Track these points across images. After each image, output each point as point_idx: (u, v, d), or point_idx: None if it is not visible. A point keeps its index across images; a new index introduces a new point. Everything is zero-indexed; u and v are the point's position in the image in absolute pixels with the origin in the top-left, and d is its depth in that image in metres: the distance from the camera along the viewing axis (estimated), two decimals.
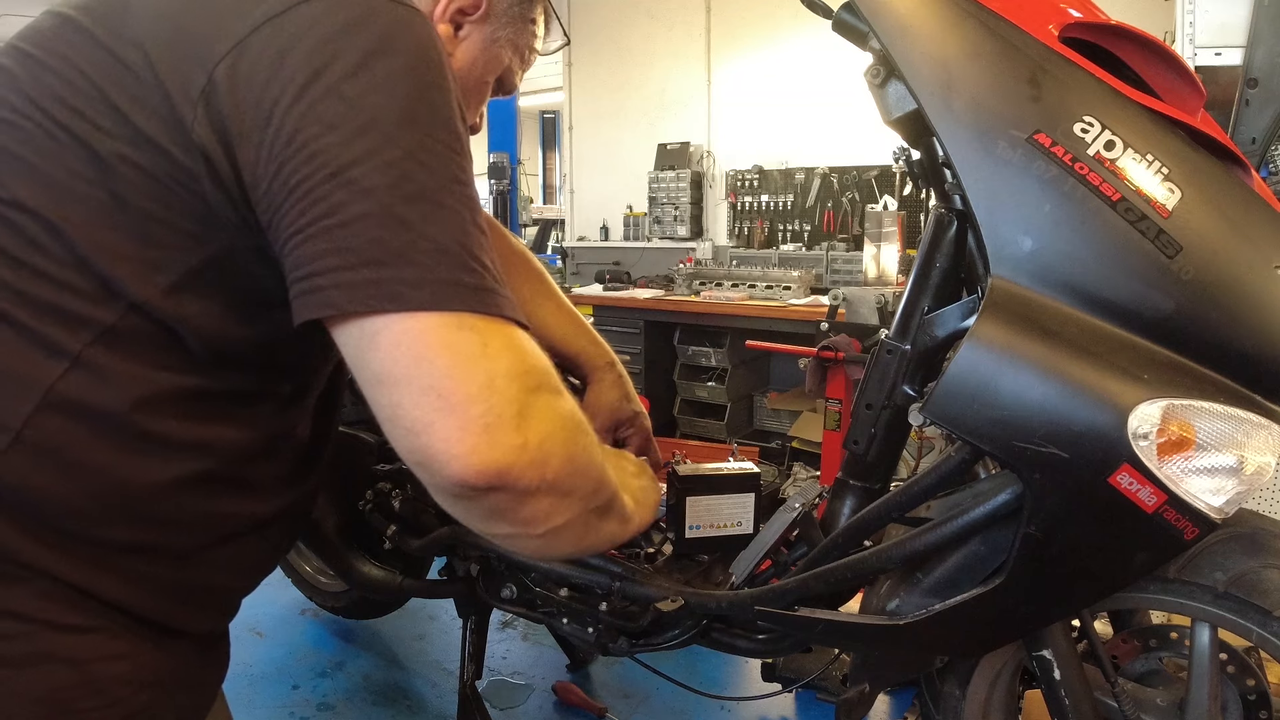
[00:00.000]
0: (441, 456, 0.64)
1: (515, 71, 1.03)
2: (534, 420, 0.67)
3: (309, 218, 0.65)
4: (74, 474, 0.70)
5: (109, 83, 0.70)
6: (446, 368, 0.64)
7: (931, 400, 0.89)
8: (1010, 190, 0.89)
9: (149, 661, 0.77)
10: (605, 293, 4.29)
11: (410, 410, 0.64)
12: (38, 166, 0.70)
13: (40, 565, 0.70)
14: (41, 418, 0.68)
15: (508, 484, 0.66)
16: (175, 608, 0.79)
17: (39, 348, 0.69)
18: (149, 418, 0.72)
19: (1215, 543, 1.01)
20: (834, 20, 1.05)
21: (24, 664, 0.70)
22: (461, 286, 0.66)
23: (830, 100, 4.27)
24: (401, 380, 0.64)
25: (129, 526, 0.74)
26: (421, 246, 0.65)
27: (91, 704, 0.73)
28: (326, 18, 0.68)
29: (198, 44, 0.68)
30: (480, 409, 0.64)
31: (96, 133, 0.69)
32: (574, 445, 0.72)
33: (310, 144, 0.64)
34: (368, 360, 0.65)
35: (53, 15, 0.77)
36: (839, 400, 2.53)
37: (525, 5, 0.98)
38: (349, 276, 0.64)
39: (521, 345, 0.69)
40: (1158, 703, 1.09)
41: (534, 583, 1.41)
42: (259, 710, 1.88)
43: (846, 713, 1.26)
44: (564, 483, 0.71)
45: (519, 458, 0.66)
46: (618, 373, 1.41)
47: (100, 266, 0.69)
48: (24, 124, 0.71)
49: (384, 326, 0.64)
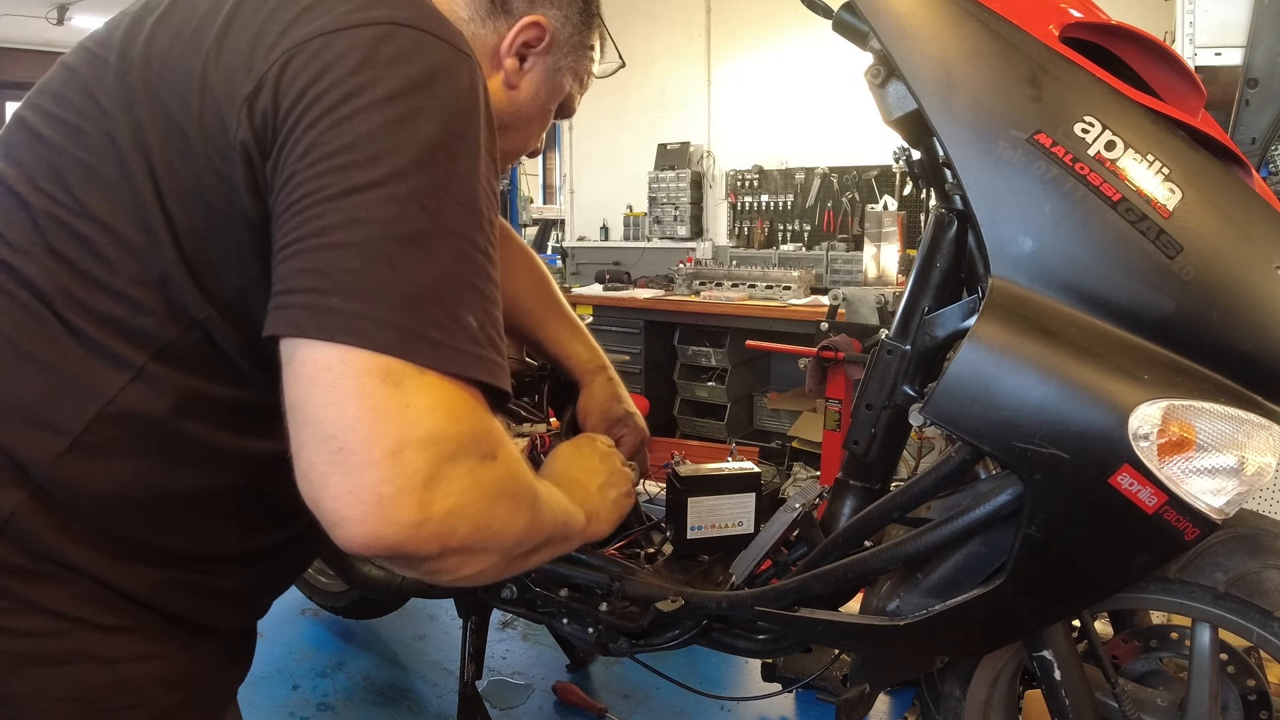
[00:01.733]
0: (329, 516, 0.61)
1: (575, 96, 1.04)
2: (441, 493, 0.62)
3: (300, 233, 0.64)
4: (124, 479, 0.71)
5: (165, 89, 0.71)
6: (354, 420, 0.60)
7: (931, 400, 0.89)
8: (1011, 190, 0.89)
9: (180, 662, 0.78)
10: (605, 293, 4.29)
11: (309, 454, 0.61)
12: (104, 175, 0.71)
13: (83, 566, 0.71)
14: (100, 425, 0.70)
15: (401, 554, 0.62)
16: (208, 607, 0.81)
17: (103, 359, 0.70)
18: (198, 428, 0.74)
19: (1216, 543, 1.01)
20: (834, 20, 1.05)
21: (61, 662, 0.71)
22: (422, 339, 0.62)
23: (830, 100, 4.27)
24: (309, 419, 0.61)
25: (171, 532, 0.75)
26: (397, 289, 0.62)
27: (122, 703, 0.74)
28: (377, 44, 0.67)
29: (251, 54, 0.68)
30: (377, 477, 0.59)
31: (151, 142, 0.70)
32: (492, 514, 0.67)
33: (321, 161, 0.64)
34: (291, 388, 0.63)
35: (124, 16, 0.78)
36: (839, 400, 2.53)
37: (585, 33, 0.99)
38: (318, 300, 0.62)
39: (457, 408, 0.64)
40: (1158, 703, 1.09)
41: (534, 583, 1.41)
42: (259, 710, 1.88)
43: (846, 713, 1.26)
44: (474, 546, 0.67)
45: (413, 534, 0.61)
46: (608, 375, 1.43)
47: (163, 283, 0.70)
48: (90, 130, 0.72)
49: (320, 357, 0.61)
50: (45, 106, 0.76)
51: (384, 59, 0.67)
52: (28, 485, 0.69)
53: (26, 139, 0.75)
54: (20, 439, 0.69)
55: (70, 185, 0.71)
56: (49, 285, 0.70)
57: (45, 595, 0.70)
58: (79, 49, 0.79)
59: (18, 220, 0.72)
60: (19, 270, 0.71)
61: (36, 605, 0.70)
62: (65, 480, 0.70)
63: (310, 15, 0.69)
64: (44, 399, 0.70)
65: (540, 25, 0.92)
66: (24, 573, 0.70)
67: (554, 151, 8.92)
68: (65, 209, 0.71)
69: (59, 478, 0.69)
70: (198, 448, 0.74)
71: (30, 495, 0.69)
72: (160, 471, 0.73)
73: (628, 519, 1.45)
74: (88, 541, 0.71)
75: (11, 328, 0.70)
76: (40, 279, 0.70)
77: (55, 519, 0.70)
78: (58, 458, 0.69)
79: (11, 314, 0.70)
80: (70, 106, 0.74)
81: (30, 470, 0.69)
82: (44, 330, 0.70)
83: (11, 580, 0.69)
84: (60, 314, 0.70)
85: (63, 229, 0.71)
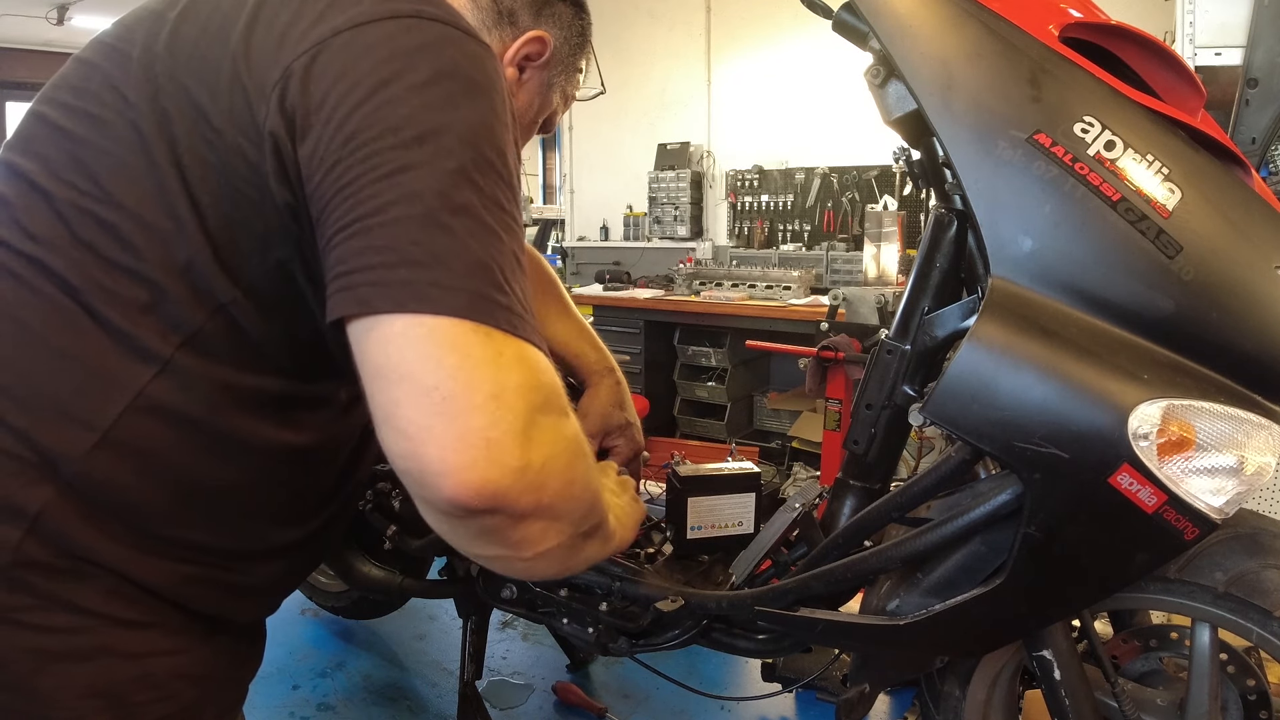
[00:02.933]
0: (435, 467, 0.60)
1: (558, 114, 1.08)
2: (538, 441, 0.63)
3: (354, 215, 0.64)
4: (153, 473, 0.72)
5: (192, 79, 0.72)
6: (454, 368, 0.60)
7: (931, 400, 0.89)
8: (1010, 190, 0.89)
9: (201, 657, 0.80)
10: (605, 293, 4.29)
11: (408, 410, 0.60)
12: (129, 163, 0.72)
13: (111, 562, 0.72)
14: (129, 419, 0.70)
15: (503, 506, 0.62)
16: (231, 601, 0.82)
17: (130, 350, 0.71)
18: (227, 420, 0.74)
19: (1215, 543, 1.01)
20: (834, 20, 1.05)
21: (86, 658, 0.72)
22: (491, 301, 0.64)
23: (830, 100, 4.27)
24: (405, 376, 0.60)
25: (199, 527, 0.76)
26: (461, 255, 0.64)
27: (147, 697, 0.75)
28: (404, 35, 0.69)
29: (280, 44, 0.70)
30: (484, 420, 0.60)
31: (178, 131, 0.71)
32: (573, 470, 0.69)
33: (367, 144, 0.65)
34: (372, 353, 0.62)
35: (142, 10, 0.79)
36: (839, 400, 2.53)
37: (577, 55, 1.04)
38: (386, 275, 0.62)
39: (536, 364, 0.66)
40: (1158, 703, 1.09)
41: (534, 583, 1.41)
42: (259, 710, 1.87)
43: (846, 713, 1.27)
44: (559, 507, 0.67)
45: (518, 480, 0.62)
46: (615, 379, 1.41)
47: (189, 267, 0.71)
48: (114, 120, 0.73)
49: (402, 326, 0.61)
50: (65, 100, 0.77)
51: (414, 47, 0.68)
52: (57, 481, 0.70)
53: (46, 133, 0.76)
54: (51, 434, 0.70)
55: (96, 175, 0.72)
56: (76, 277, 0.71)
57: (72, 591, 0.71)
58: (96, 44, 0.79)
59: (41, 213, 0.72)
60: (45, 264, 0.71)
61: (63, 601, 0.71)
62: (95, 475, 0.70)
63: (338, 9, 0.70)
64: (74, 393, 0.70)
65: (543, 40, 0.95)
66: (51, 569, 0.70)
67: (554, 151, 8.93)
68: (91, 198, 0.71)
69: (89, 473, 0.70)
70: (227, 441, 0.75)
71: (59, 491, 0.70)
72: (189, 466, 0.74)
73: None
74: (115, 537, 0.72)
75: (40, 323, 0.71)
76: (68, 271, 0.71)
77: (84, 515, 0.71)
78: (87, 452, 0.70)
79: (40, 308, 0.71)
80: (92, 98, 0.75)
81: (60, 466, 0.70)
82: (72, 324, 0.70)
83: (39, 577, 0.70)
84: (88, 306, 0.70)
85: (88, 218, 0.71)
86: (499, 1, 0.93)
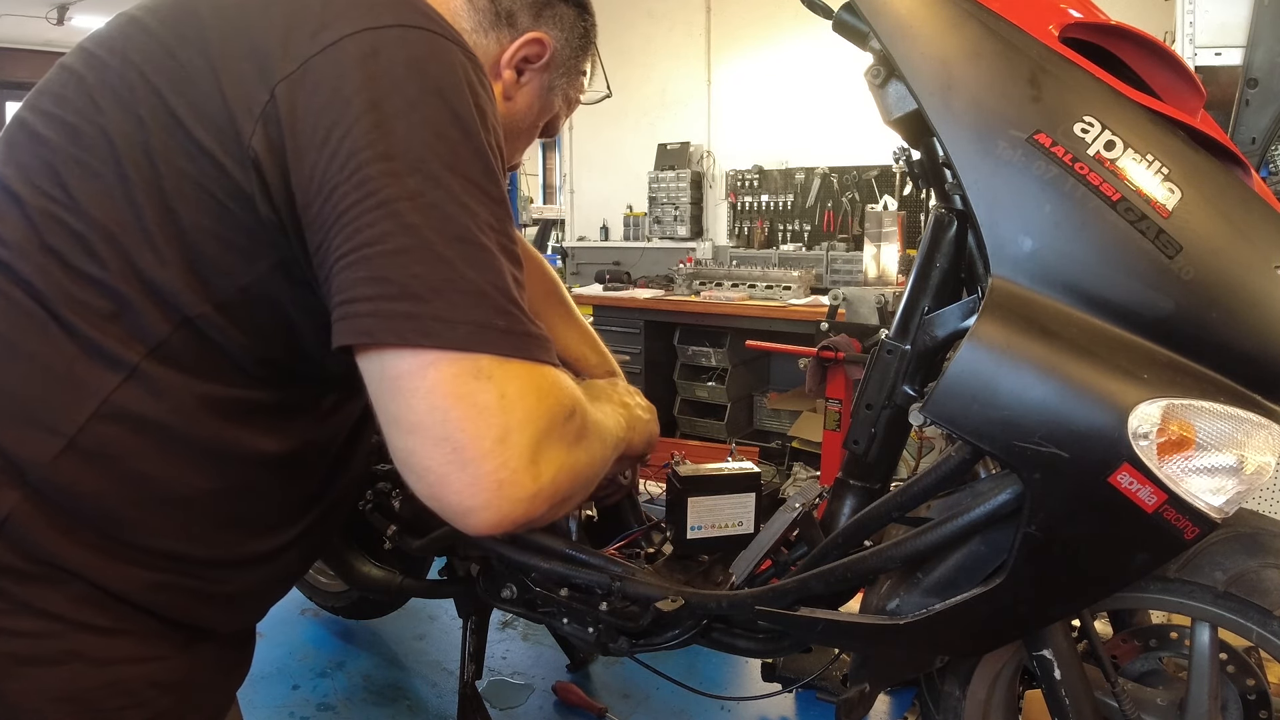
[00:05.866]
0: (456, 508, 0.67)
1: (561, 117, 1.06)
2: (546, 462, 0.69)
3: (355, 243, 0.66)
4: (121, 480, 0.72)
5: (169, 88, 0.71)
6: (460, 420, 0.65)
7: (931, 400, 0.89)
8: (1010, 190, 0.89)
9: (177, 665, 0.79)
10: (605, 293, 4.29)
11: (424, 459, 0.66)
12: (99, 173, 0.71)
13: (79, 568, 0.71)
14: (96, 425, 0.70)
15: (524, 523, 0.70)
16: (206, 610, 0.81)
17: (97, 357, 0.70)
18: (198, 428, 0.74)
19: (1215, 542, 1.01)
20: (834, 20, 1.05)
21: (55, 663, 0.71)
22: (493, 329, 0.67)
23: (830, 100, 4.27)
24: (418, 427, 0.66)
25: (168, 535, 0.75)
26: (459, 286, 0.66)
27: (118, 704, 0.74)
28: (389, 49, 0.69)
29: (263, 59, 0.69)
30: (493, 464, 0.66)
31: (153, 141, 0.70)
32: (581, 464, 0.75)
33: (362, 170, 0.66)
34: (387, 402, 0.67)
35: (123, 17, 0.78)
36: (839, 400, 2.53)
37: (580, 57, 1.02)
38: (387, 307, 0.65)
39: (539, 384, 0.70)
40: (1158, 703, 1.09)
41: (534, 583, 1.41)
42: (259, 710, 1.87)
43: (846, 713, 1.26)
44: (575, 492, 0.75)
45: (532, 505, 0.68)
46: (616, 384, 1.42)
47: (154, 280, 0.71)
48: (87, 129, 0.72)
49: (408, 366, 0.65)
50: (45, 107, 0.76)
51: (399, 64, 0.68)
52: (24, 486, 0.69)
53: (26, 139, 0.75)
54: (17, 440, 0.69)
55: (66, 183, 0.71)
56: (44, 283, 0.70)
57: (40, 597, 0.71)
58: (78, 50, 0.79)
59: (12, 219, 0.72)
60: (14, 269, 0.71)
61: (31, 606, 0.70)
62: (61, 481, 0.70)
63: (320, 22, 0.70)
64: (41, 399, 0.70)
65: (542, 42, 0.94)
66: (19, 574, 0.70)
67: (554, 151, 8.92)
68: (61, 206, 0.71)
69: (55, 479, 0.69)
70: (196, 449, 0.74)
71: (26, 496, 0.69)
72: (158, 473, 0.73)
73: (627, 519, 1.45)
74: (84, 543, 0.71)
75: (8, 327, 0.70)
76: (35, 277, 0.70)
77: (51, 520, 0.70)
78: (54, 458, 0.69)
79: (8, 314, 0.70)
80: (69, 106, 0.74)
81: (27, 471, 0.69)
82: (40, 330, 0.70)
83: (6, 581, 0.70)
84: (56, 313, 0.70)
85: (58, 225, 0.71)
86: (497, 2, 0.91)
